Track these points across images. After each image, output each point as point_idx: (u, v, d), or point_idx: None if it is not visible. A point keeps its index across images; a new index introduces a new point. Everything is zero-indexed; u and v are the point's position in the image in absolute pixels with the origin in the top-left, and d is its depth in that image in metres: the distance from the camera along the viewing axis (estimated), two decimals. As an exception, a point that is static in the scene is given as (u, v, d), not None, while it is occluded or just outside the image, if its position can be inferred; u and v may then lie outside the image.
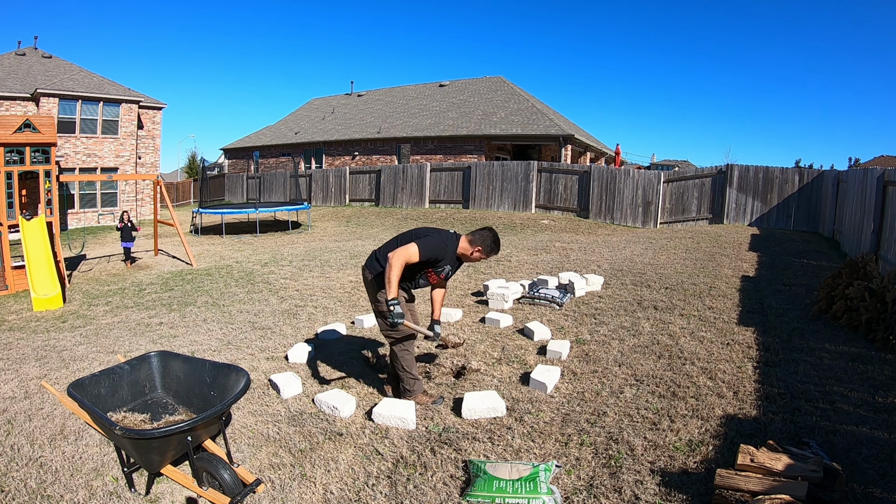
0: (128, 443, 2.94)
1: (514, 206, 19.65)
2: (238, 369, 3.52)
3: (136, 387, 3.57)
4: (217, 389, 3.51)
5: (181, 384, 3.67)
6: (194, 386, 3.62)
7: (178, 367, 3.71)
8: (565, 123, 27.20)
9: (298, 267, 10.69)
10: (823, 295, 6.41)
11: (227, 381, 3.48)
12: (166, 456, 3.08)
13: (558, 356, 5.19)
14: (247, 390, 3.31)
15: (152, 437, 2.86)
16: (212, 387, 3.54)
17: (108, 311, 7.91)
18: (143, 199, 25.78)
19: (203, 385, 3.58)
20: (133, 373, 3.59)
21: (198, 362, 3.72)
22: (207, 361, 3.70)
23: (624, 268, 9.21)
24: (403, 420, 3.97)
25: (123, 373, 3.54)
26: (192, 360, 3.75)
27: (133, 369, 3.60)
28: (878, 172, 8.75)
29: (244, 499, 3.09)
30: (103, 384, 3.38)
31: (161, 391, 3.71)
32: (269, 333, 6.30)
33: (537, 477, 3.13)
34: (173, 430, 2.88)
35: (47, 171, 10.37)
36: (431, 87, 33.35)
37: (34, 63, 25.44)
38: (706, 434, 3.68)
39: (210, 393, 3.53)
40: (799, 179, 14.97)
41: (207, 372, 3.60)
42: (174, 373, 3.70)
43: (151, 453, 2.99)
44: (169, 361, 3.75)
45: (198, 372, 3.64)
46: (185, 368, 3.69)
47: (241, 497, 3.05)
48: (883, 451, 3.38)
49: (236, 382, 3.40)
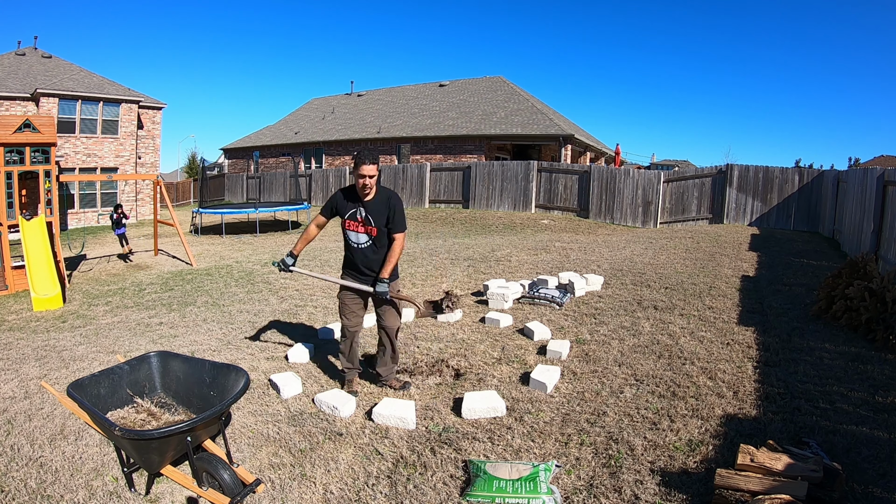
0: (127, 443, 2.94)
1: (514, 206, 19.65)
2: (237, 369, 3.51)
3: (135, 387, 3.56)
4: (217, 389, 3.50)
5: (181, 384, 3.67)
6: (194, 386, 3.62)
7: (178, 367, 3.70)
8: (565, 123, 27.20)
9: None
10: (823, 295, 6.41)
11: (226, 380, 3.48)
12: (166, 456, 3.07)
13: (558, 356, 5.19)
14: (246, 390, 3.31)
15: (152, 437, 2.86)
16: (211, 387, 3.54)
17: (108, 311, 7.90)
18: (143, 199, 25.78)
19: (203, 385, 3.58)
20: (133, 373, 3.58)
21: (197, 362, 3.72)
22: (207, 361, 3.70)
23: (624, 268, 9.21)
24: (403, 420, 3.97)
25: (123, 373, 3.53)
26: (192, 360, 3.74)
27: (133, 369, 3.59)
28: (878, 172, 8.75)
29: (244, 499, 3.09)
30: (103, 384, 3.38)
31: (161, 391, 3.70)
32: (269, 333, 6.30)
33: (537, 477, 3.13)
34: (173, 430, 2.88)
35: (47, 171, 10.37)
36: (431, 86, 33.35)
37: (34, 63, 25.44)
38: (706, 434, 3.68)
39: (210, 393, 3.52)
40: (799, 179, 14.97)
41: (207, 372, 3.60)
42: (174, 373, 3.70)
43: (151, 454, 2.99)
44: (169, 361, 3.74)
45: (197, 372, 3.64)
46: (184, 368, 3.69)
47: (241, 497, 3.04)
48: (883, 450, 3.38)
49: (236, 382, 3.39)
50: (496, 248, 11.91)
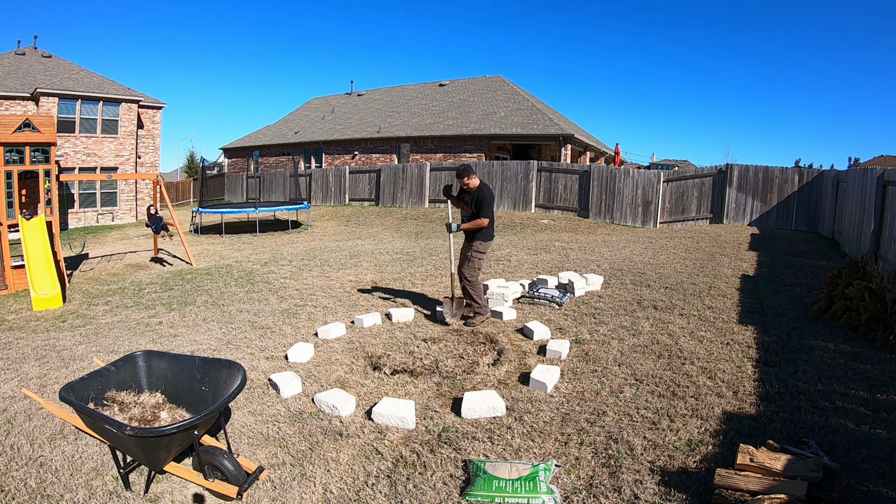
0: (134, 442, 2.94)
1: (513, 206, 19.65)
2: (230, 363, 3.55)
3: (122, 388, 3.54)
4: (209, 385, 3.54)
5: (169, 382, 3.68)
6: (183, 383, 3.63)
7: (165, 366, 3.71)
8: (565, 123, 27.19)
9: (298, 266, 10.69)
10: (823, 295, 6.41)
11: (218, 375, 3.52)
12: (171, 452, 3.09)
13: (558, 356, 5.19)
14: (245, 383, 3.35)
15: (163, 434, 2.87)
16: (203, 382, 3.57)
17: (107, 311, 7.90)
18: (143, 199, 25.75)
19: (193, 381, 3.61)
20: (119, 373, 3.57)
21: (186, 359, 3.73)
22: (197, 358, 3.71)
23: (623, 267, 9.21)
24: (403, 420, 3.98)
25: (110, 374, 3.52)
26: (180, 358, 3.76)
27: (119, 370, 3.59)
28: (878, 172, 8.75)
29: (251, 487, 3.13)
30: (92, 387, 3.36)
31: (148, 391, 3.68)
32: (269, 333, 6.30)
33: (537, 476, 3.13)
34: (185, 424, 2.90)
35: (47, 170, 10.36)
36: (431, 86, 33.34)
37: (34, 62, 25.43)
38: (706, 434, 3.69)
39: (202, 388, 3.56)
40: (799, 179, 14.97)
41: (197, 368, 3.63)
42: (161, 371, 3.70)
43: (160, 450, 3.01)
44: (155, 360, 3.75)
45: (186, 369, 3.66)
46: (172, 366, 3.70)
47: (248, 485, 3.09)
48: (882, 450, 3.39)
49: (230, 376, 3.43)
50: (496, 248, 11.91)
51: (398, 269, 9.95)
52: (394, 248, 12.66)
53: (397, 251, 12.16)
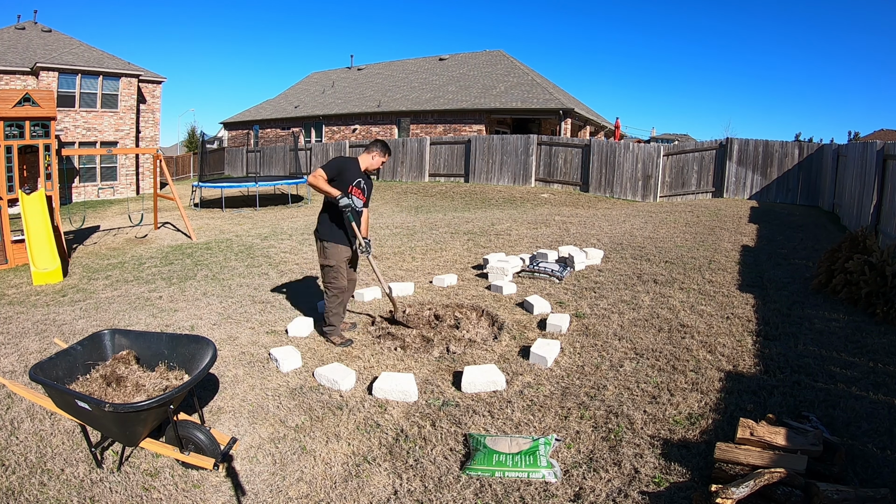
0: (111, 418, 2.93)
1: (513, 180, 19.54)
2: (198, 338, 3.61)
3: (88, 366, 3.55)
4: (177, 360, 3.59)
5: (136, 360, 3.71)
6: (151, 360, 3.66)
7: (131, 344, 3.73)
8: (565, 97, 26.93)
9: (298, 241, 10.66)
10: (823, 269, 6.39)
11: (186, 350, 3.57)
12: (147, 427, 3.12)
13: (558, 330, 5.19)
14: (217, 355, 3.41)
15: (141, 409, 2.87)
16: (171, 358, 3.61)
17: (107, 286, 7.90)
18: (144, 174, 25.63)
19: (161, 357, 3.64)
20: (86, 352, 3.57)
21: (152, 336, 3.76)
22: (164, 334, 3.75)
23: (624, 241, 9.18)
24: (405, 393, 3.98)
25: (77, 353, 3.52)
26: (146, 335, 3.78)
27: (85, 349, 3.58)
28: (878, 146, 8.68)
29: (225, 457, 3.20)
30: (60, 366, 3.35)
31: None
32: (269, 307, 6.29)
33: (537, 450, 3.14)
34: (164, 398, 2.93)
35: (47, 145, 10.31)
36: (431, 60, 32.95)
37: (34, 37, 25.08)
38: (706, 407, 3.69)
39: (170, 364, 3.61)
40: (799, 153, 14.85)
41: (165, 344, 3.66)
42: (127, 349, 3.71)
43: (137, 426, 3.02)
44: (121, 338, 3.76)
45: (154, 345, 3.69)
46: (139, 343, 3.72)
47: (223, 456, 3.15)
48: (883, 424, 3.39)
49: (198, 350, 3.48)
50: (496, 222, 11.87)
51: (398, 242, 9.92)
52: (394, 223, 12.62)
53: (397, 225, 12.12)
